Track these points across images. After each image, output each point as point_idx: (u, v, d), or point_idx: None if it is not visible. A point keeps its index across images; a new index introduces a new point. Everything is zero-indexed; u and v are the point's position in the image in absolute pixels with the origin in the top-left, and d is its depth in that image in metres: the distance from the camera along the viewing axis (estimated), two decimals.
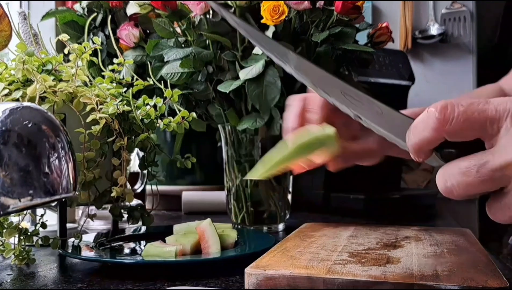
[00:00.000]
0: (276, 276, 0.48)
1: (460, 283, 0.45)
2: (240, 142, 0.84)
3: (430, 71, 1.51)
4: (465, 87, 1.49)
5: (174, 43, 0.84)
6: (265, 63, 0.76)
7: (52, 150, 0.44)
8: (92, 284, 0.53)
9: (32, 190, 0.42)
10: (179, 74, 0.82)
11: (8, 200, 0.42)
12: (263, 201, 0.84)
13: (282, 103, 0.79)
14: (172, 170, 1.14)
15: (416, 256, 0.56)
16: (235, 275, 0.55)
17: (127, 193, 0.68)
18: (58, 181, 0.44)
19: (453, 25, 1.47)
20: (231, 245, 0.65)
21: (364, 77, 1.03)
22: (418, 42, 1.50)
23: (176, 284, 0.52)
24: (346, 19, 0.81)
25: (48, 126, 0.45)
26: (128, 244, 0.70)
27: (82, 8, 1.00)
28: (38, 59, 0.66)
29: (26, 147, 0.43)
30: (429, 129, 0.39)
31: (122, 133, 0.67)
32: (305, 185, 1.08)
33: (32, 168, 0.43)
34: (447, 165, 0.39)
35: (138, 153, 0.78)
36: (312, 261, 0.53)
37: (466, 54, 1.49)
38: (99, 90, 0.68)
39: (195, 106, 0.89)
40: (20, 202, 0.42)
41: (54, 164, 0.44)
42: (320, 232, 0.71)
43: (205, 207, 1.06)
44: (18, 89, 0.63)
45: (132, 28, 0.93)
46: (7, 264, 0.62)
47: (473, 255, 0.57)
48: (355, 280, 0.47)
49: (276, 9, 0.75)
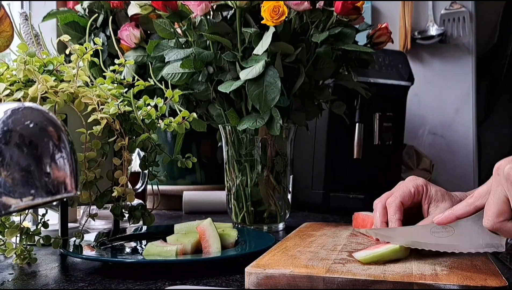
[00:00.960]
0: (276, 275, 0.49)
1: (459, 282, 0.45)
2: (240, 142, 0.84)
3: (429, 72, 1.51)
4: (464, 88, 1.49)
5: (174, 44, 0.85)
6: (265, 64, 0.76)
7: (54, 150, 0.44)
8: (93, 283, 0.53)
9: (33, 190, 0.42)
10: (180, 74, 0.82)
11: (10, 200, 0.42)
12: (263, 201, 0.84)
13: (282, 103, 0.79)
14: (172, 170, 1.14)
15: (416, 255, 0.57)
16: (236, 274, 0.55)
17: (128, 192, 0.68)
18: (59, 181, 0.44)
19: (452, 26, 1.47)
20: (232, 244, 0.65)
21: (363, 77, 1.04)
22: (418, 43, 1.50)
23: (177, 283, 0.52)
24: (346, 20, 0.81)
25: (49, 127, 0.45)
26: (129, 244, 0.71)
27: (83, 9, 1.00)
28: (39, 59, 0.66)
29: (27, 147, 0.43)
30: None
31: (123, 133, 0.68)
32: (305, 184, 1.08)
33: (33, 168, 0.43)
34: None
35: (139, 153, 0.79)
36: (312, 260, 0.53)
37: (465, 55, 1.49)
38: (100, 90, 0.68)
39: (195, 106, 0.89)
40: (21, 202, 0.42)
41: (56, 164, 0.44)
42: (320, 232, 0.72)
43: (205, 206, 1.07)
44: (19, 90, 0.63)
45: (133, 28, 0.93)
46: (8, 263, 0.62)
47: (472, 255, 0.57)
48: (354, 279, 0.47)
49: (276, 10, 0.75)
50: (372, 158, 1.09)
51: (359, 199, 1.00)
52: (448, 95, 1.50)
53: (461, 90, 1.50)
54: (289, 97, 0.82)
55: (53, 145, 0.44)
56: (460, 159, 1.49)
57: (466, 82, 1.49)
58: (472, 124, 1.49)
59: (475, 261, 0.54)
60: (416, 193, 0.65)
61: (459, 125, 1.50)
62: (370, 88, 0.93)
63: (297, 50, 0.79)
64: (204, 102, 0.88)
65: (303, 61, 0.81)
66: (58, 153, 0.45)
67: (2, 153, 0.41)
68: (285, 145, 0.85)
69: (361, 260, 0.53)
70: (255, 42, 0.78)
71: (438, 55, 1.51)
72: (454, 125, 1.50)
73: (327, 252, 0.58)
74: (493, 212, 0.47)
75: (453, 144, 1.50)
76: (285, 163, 0.85)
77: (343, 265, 0.52)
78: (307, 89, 0.85)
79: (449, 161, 1.49)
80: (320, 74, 0.85)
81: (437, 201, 0.64)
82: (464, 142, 1.49)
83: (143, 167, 0.74)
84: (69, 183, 0.46)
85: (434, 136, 1.52)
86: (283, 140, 0.85)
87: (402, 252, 0.55)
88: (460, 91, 1.50)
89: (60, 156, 0.45)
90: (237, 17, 0.79)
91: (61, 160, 0.45)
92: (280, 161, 0.84)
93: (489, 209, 0.48)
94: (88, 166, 0.64)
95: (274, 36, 0.76)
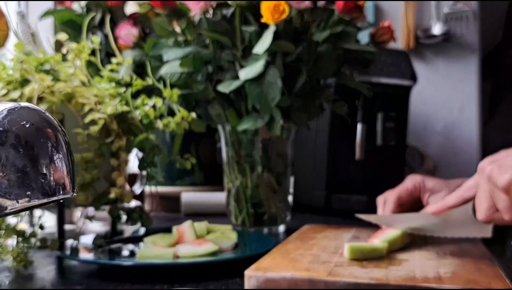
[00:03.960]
0: (277, 279, 0.48)
1: (463, 285, 0.45)
2: (240, 143, 0.84)
3: (432, 71, 1.50)
4: (468, 87, 1.48)
5: (173, 43, 0.84)
6: (265, 63, 0.75)
7: (50, 151, 0.44)
8: (90, 286, 0.52)
9: (29, 191, 0.41)
10: (179, 74, 0.82)
11: (6, 201, 0.41)
12: (264, 203, 0.84)
13: (282, 103, 0.79)
14: (171, 171, 1.14)
15: (419, 258, 0.56)
16: (235, 277, 0.54)
17: (125, 194, 0.68)
18: (56, 182, 0.44)
19: (456, 25, 1.47)
20: (231, 247, 0.64)
21: (365, 76, 1.03)
22: (421, 42, 1.49)
23: (175, 286, 0.51)
24: (348, 19, 0.81)
25: (46, 127, 0.44)
26: (127, 246, 0.70)
27: (81, 7, 0.99)
28: (36, 58, 0.66)
29: (23, 148, 0.42)
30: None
31: (121, 134, 0.67)
32: (306, 186, 1.07)
33: (29, 169, 0.42)
34: None
35: (137, 153, 0.78)
36: (313, 263, 0.53)
37: (469, 54, 1.48)
38: (97, 90, 0.68)
39: (194, 106, 0.89)
40: (17, 204, 0.41)
41: (52, 165, 0.44)
42: (322, 234, 0.71)
43: (204, 208, 1.06)
44: (16, 89, 0.63)
45: (131, 27, 0.93)
46: (5, 266, 0.61)
47: (476, 258, 0.57)
48: (356, 282, 0.46)
49: (277, 8, 0.74)
50: (375, 159, 1.08)
51: (361, 201, 1.00)
52: (452, 95, 1.49)
53: (465, 90, 1.48)
54: (290, 97, 0.81)
55: (50, 146, 0.44)
56: (464, 159, 1.48)
57: (470, 82, 1.48)
58: (476, 124, 1.48)
59: (479, 264, 0.53)
60: (413, 188, 0.73)
61: (463, 125, 1.49)
62: (372, 87, 0.93)
63: (298, 49, 0.78)
64: (203, 102, 0.87)
65: (304, 60, 0.80)
66: (55, 154, 0.44)
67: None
68: (285, 145, 0.85)
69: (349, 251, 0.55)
70: (255, 41, 0.77)
71: (442, 55, 1.50)
72: (458, 125, 1.49)
73: (329, 255, 0.57)
74: (484, 207, 0.53)
75: (457, 145, 1.49)
76: (286, 164, 0.85)
77: (345, 268, 0.51)
78: (308, 89, 0.84)
79: (453, 162, 1.48)
80: (321, 73, 0.84)
81: (435, 192, 0.72)
82: (468, 143, 1.48)
83: (141, 168, 0.74)
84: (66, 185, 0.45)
85: (438, 137, 1.51)
86: (283, 141, 0.84)
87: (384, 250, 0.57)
88: (464, 91, 1.49)
89: (57, 157, 0.44)
90: (237, 16, 0.78)
91: (58, 161, 0.44)
92: (281, 162, 0.84)
93: (480, 205, 0.54)
94: (85, 167, 0.64)
95: (275, 35, 0.75)
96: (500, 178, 0.50)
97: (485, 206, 0.53)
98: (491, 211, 0.53)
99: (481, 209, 0.54)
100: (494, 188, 0.51)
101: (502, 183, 0.49)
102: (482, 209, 0.54)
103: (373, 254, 0.56)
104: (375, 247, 0.57)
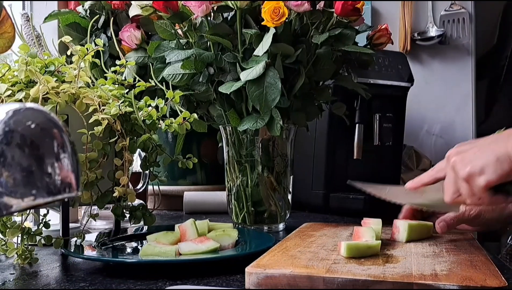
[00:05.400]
0: (277, 275, 0.49)
1: (459, 282, 0.46)
2: (241, 143, 0.84)
3: (429, 73, 1.51)
4: (464, 89, 1.50)
5: (175, 45, 0.85)
6: (265, 65, 0.76)
7: (55, 151, 0.44)
8: (94, 283, 0.53)
9: (35, 190, 0.42)
10: (181, 75, 0.83)
11: (11, 200, 0.42)
12: (264, 201, 0.85)
13: (282, 104, 0.80)
14: (173, 170, 1.14)
15: (415, 256, 0.57)
16: (236, 274, 0.55)
17: (129, 193, 0.68)
18: (61, 181, 0.44)
19: (452, 27, 1.48)
20: (232, 244, 0.65)
21: (363, 78, 1.04)
22: (417, 44, 1.50)
23: (178, 283, 0.52)
24: (346, 21, 0.82)
25: (51, 127, 0.45)
26: (130, 244, 0.71)
27: (85, 10, 1.00)
28: (41, 60, 0.67)
29: (29, 148, 0.43)
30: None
31: (124, 134, 0.68)
32: (305, 185, 1.08)
33: (35, 169, 0.43)
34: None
35: (140, 153, 0.79)
36: (312, 260, 0.54)
37: (465, 56, 1.50)
38: (101, 91, 0.68)
39: (196, 107, 0.90)
40: (23, 202, 0.42)
41: (57, 165, 0.44)
42: (320, 232, 0.72)
43: (206, 207, 1.07)
44: (21, 90, 0.63)
45: (134, 29, 0.94)
46: (10, 263, 0.62)
47: (472, 255, 0.58)
48: (354, 279, 0.47)
49: (277, 11, 0.75)
50: (372, 159, 1.09)
51: (359, 200, 1.01)
52: (448, 96, 1.50)
53: (460, 91, 1.50)
54: (289, 98, 0.82)
55: (55, 146, 0.44)
56: None
57: (465, 83, 1.49)
58: (471, 125, 1.49)
59: (475, 261, 0.54)
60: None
61: (459, 126, 1.50)
62: (370, 89, 0.94)
63: (297, 51, 0.79)
64: (204, 102, 0.88)
65: (303, 62, 0.81)
66: (59, 154, 0.45)
67: (4, 153, 0.41)
68: (285, 145, 0.86)
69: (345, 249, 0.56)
70: (256, 43, 0.78)
71: (438, 56, 1.51)
72: (454, 126, 1.50)
73: (327, 252, 0.58)
74: (450, 192, 0.59)
75: (453, 145, 1.49)
76: (285, 164, 0.86)
77: (343, 265, 0.52)
78: (307, 90, 0.85)
79: None
80: (320, 75, 0.85)
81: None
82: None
83: (144, 167, 0.74)
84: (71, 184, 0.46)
85: (434, 137, 1.52)
86: (283, 141, 0.85)
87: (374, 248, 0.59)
88: (459, 92, 1.50)
89: (61, 156, 0.45)
90: (237, 18, 0.79)
91: (62, 161, 0.45)
92: (281, 162, 0.85)
93: (447, 189, 0.60)
94: (89, 166, 0.65)
95: (275, 37, 0.76)
96: (461, 170, 0.56)
97: (451, 191, 0.59)
98: (456, 195, 0.59)
99: (448, 193, 0.60)
100: (457, 178, 0.57)
101: (463, 175, 0.56)
102: (449, 193, 0.60)
103: (368, 252, 0.57)
104: (371, 244, 0.58)
